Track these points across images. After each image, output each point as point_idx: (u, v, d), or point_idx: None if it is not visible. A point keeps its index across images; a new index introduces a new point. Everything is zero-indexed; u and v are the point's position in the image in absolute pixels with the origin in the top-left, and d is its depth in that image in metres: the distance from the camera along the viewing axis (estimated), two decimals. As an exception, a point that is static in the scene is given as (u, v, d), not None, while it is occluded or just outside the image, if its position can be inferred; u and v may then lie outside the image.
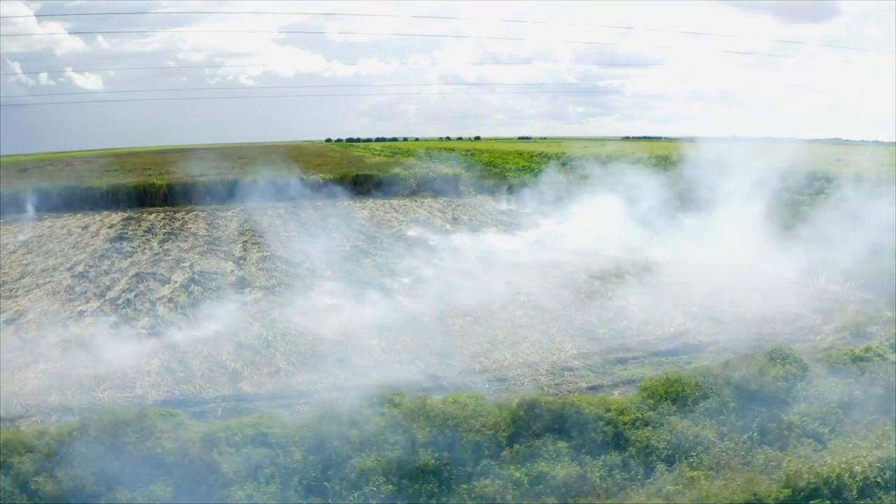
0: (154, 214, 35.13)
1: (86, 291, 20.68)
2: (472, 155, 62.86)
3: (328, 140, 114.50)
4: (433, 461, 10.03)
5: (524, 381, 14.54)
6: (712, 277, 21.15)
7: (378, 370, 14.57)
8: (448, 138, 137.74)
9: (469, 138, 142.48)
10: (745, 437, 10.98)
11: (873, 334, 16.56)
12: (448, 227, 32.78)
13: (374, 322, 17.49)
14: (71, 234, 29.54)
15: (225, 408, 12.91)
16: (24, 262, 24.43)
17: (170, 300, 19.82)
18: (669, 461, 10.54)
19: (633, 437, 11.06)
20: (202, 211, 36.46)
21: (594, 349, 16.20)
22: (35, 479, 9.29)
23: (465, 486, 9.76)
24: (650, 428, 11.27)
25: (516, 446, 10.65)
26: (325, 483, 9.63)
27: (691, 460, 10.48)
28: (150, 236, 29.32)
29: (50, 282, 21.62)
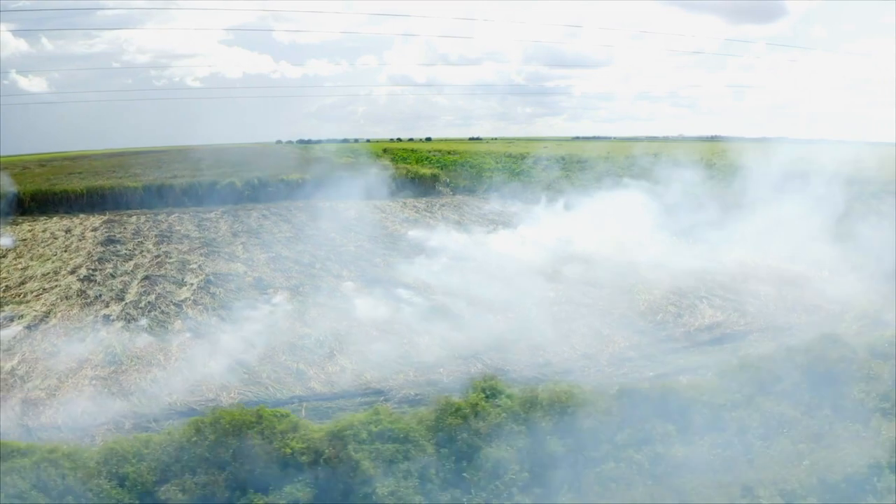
0: (135, 217, 33.68)
1: (100, 295, 19.66)
2: (449, 154, 62.86)
3: (278, 142, 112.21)
4: (560, 448, 10.06)
5: (589, 371, 14.71)
6: (728, 271, 21.95)
7: (444, 366, 14.48)
8: (399, 139, 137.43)
9: (420, 139, 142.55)
10: (825, 412, 11.48)
11: (890, 321, 17.46)
12: (443, 225, 32.71)
13: (414, 320, 17.32)
14: (56, 238, 27.99)
15: (308, 407, 12.59)
16: (20, 266, 23.01)
17: (194, 302, 19.09)
18: (765, 438, 10.91)
19: (728, 417, 11.37)
20: (184, 213, 35.20)
21: (642, 341, 16.49)
22: (159, 488, 8.81)
23: (595, 471, 9.82)
24: (742, 409, 11.64)
25: (628, 430, 10.78)
26: (463, 475, 9.50)
27: (785, 436, 10.88)
28: (141, 238, 28.08)
29: (57, 286, 20.45)
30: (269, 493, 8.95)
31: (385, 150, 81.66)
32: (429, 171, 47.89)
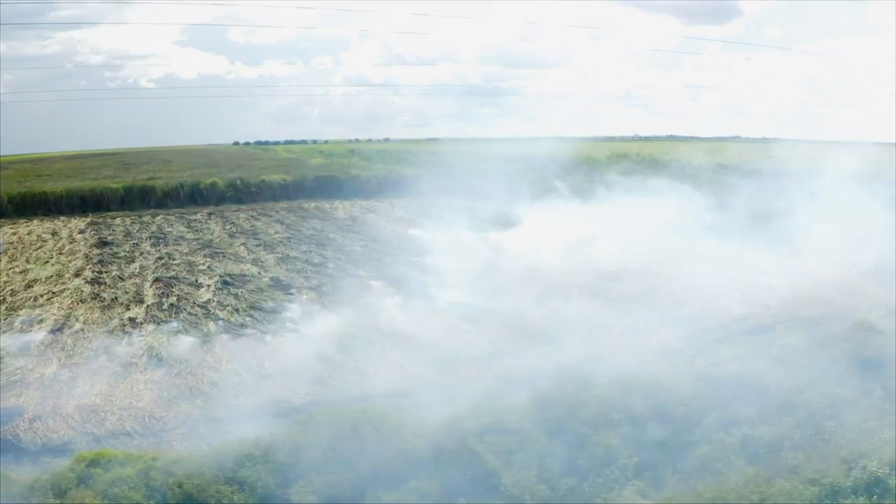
0: (119, 219, 32.29)
1: (116, 298, 18.76)
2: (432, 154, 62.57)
3: (236, 143, 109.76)
4: (660, 433, 10.14)
5: (643, 363, 14.74)
6: (731, 268, 22.44)
7: (510, 359, 14.38)
8: (357, 140, 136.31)
9: (378, 140, 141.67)
10: (879, 393, 11.87)
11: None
12: (440, 224, 32.52)
13: (459, 319, 17.13)
14: (45, 241, 26.58)
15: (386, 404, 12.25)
16: (18, 269, 21.76)
17: (219, 303, 18.42)
18: (831, 417, 11.23)
19: (796, 401, 11.58)
20: (168, 214, 34.00)
21: (682, 333, 16.67)
22: (286, 490, 8.42)
23: (693, 453, 9.96)
24: (805, 392, 11.91)
25: (713, 414, 10.89)
26: (580, 462, 9.42)
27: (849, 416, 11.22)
28: (135, 241, 26.92)
29: (65, 289, 19.42)
30: (395, 490, 8.67)
31: (352, 152, 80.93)
32: (411, 171, 47.51)
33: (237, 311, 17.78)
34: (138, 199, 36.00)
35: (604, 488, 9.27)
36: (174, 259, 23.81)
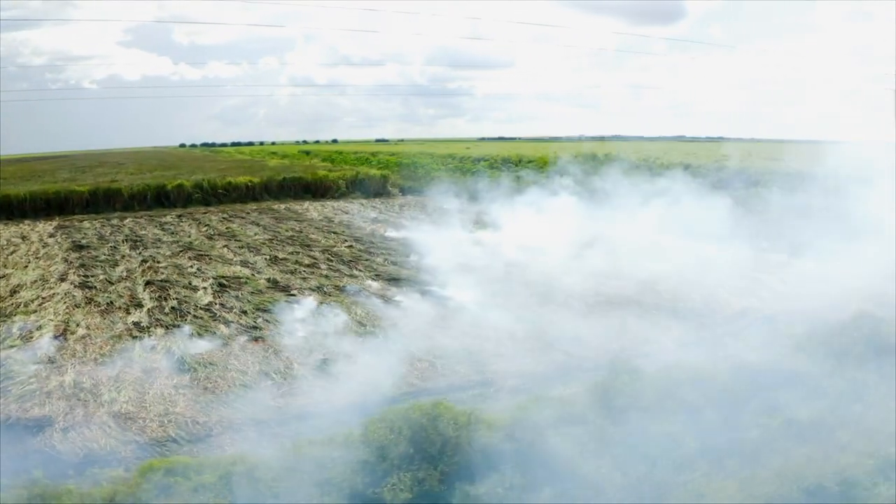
0: (86, 222, 30.88)
1: (112, 302, 17.99)
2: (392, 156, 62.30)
3: (182, 145, 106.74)
4: (709, 418, 10.42)
5: (662, 354, 15.12)
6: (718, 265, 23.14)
7: (548, 354, 14.50)
8: (305, 142, 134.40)
9: (326, 141, 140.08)
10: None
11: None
12: (418, 225, 32.48)
13: (478, 317, 17.13)
14: (16, 245, 25.13)
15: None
16: (-5, 274, 20.62)
17: (223, 306, 17.92)
18: (856, 401, 11.78)
19: (825, 385, 12.09)
20: (136, 217, 32.79)
21: (691, 326, 17.11)
22: (375, 489, 8.28)
23: (742, 437, 10.22)
24: (829, 378, 12.48)
25: (754, 401, 11.28)
26: (647, 448, 9.59)
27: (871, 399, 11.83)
28: (111, 243, 25.84)
29: (55, 294, 18.48)
30: (480, 483, 8.65)
31: (307, 153, 79.96)
32: (378, 172, 47.30)
33: (244, 312, 17.32)
34: (104, 201, 34.61)
35: (673, 472, 9.47)
36: (159, 262, 22.98)
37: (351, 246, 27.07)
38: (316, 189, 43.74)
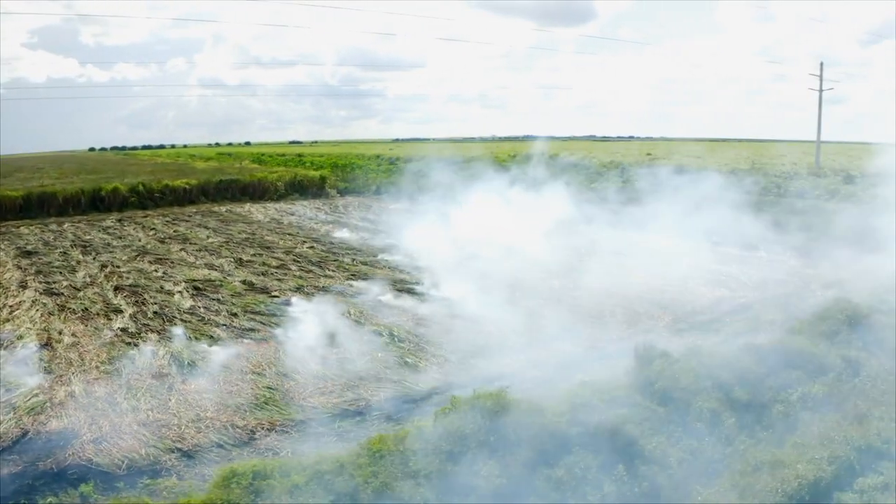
0: (23, 228, 28.61)
1: (87, 309, 16.90)
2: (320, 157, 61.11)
3: (92, 149, 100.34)
4: (742, 396, 11.17)
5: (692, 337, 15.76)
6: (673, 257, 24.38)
7: (550, 350, 14.86)
8: (218, 144, 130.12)
9: (239, 144, 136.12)
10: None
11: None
12: (374, 225, 32.31)
13: (475, 311, 17.33)
14: (-47, 253, 23.02)
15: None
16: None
17: (207, 308, 17.25)
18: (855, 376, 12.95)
19: (824, 363, 13.18)
20: (75, 221, 30.75)
21: (677, 315, 17.87)
22: (461, 480, 8.33)
23: (771, 412, 11.03)
24: (825, 357, 13.59)
25: (769, 380, 12.14)
26: (695, 425, 10.15)
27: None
28: (59, 249, 24.13)
29: (22, 301, 17.15)
30: (556, 466, 8.89)
31: (229, 155, 77.51)
32: (317, 174, 46.47)
33: (234, 315, 16.74)
34: (37, 206, 32.26)
35: (721, 445, 10.08)
36: (119, 267, 21.73)
37: (312, 247, 26.58)
38: (254, 191, 42.53)
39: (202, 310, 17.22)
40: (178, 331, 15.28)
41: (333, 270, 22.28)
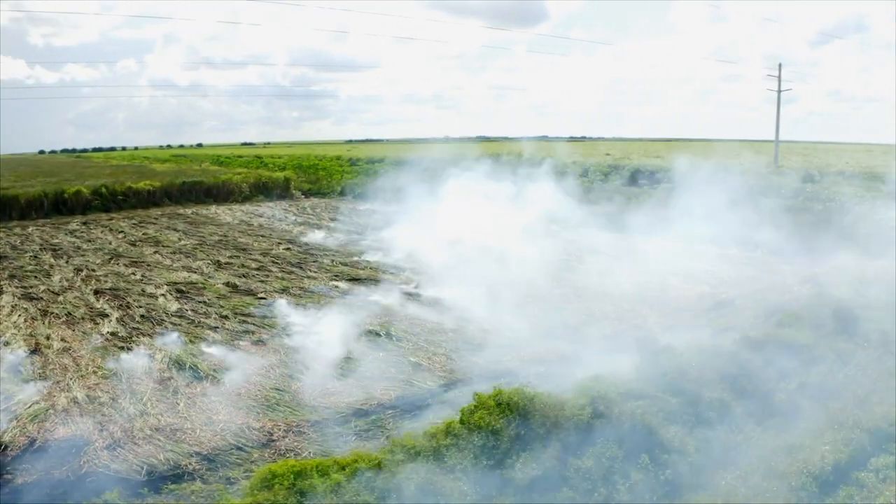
0: (-21, 231, 27.41)
1: (71, 313, 16.33)
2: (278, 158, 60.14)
3: (41, 152, 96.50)
4: (750, 386, 11.61)
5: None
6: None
7: (553, 345, 15.07)
8: (169, 146, 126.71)
9: (191, 145, 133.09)
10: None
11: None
12: (338, 225, 32.09)
13: (468, 310, 17.44)
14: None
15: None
16: None
17: (194, 311, 16.90)
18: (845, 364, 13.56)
19: (817, 354, 13.79)
20: (37, 225, 29.60)
21: (665, 312, 18.27)
22: (506, 472, 8.45)
23: (782, 397, 11.47)
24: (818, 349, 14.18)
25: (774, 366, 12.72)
26: (707, 414, 10.49)
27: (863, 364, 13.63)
28: (28, 253, 23.22)
29: (3, 306, 16.47)
30: (583, 455, 9.08)
31: (185, 157, 75.78)
32: (281, 175, 45.82)
33: (224, 317, 16.44)
34: (-2, 210, 30.92)
35: (732, 433, 10.44)
36: (95, 271, 21.05)
37: (288, 248, 26.28)
38: (218, 193, 41.69)
39: (190, 312, 16.86)
40: (171, 334, 14.93)
41: (315, 271, 22.08)
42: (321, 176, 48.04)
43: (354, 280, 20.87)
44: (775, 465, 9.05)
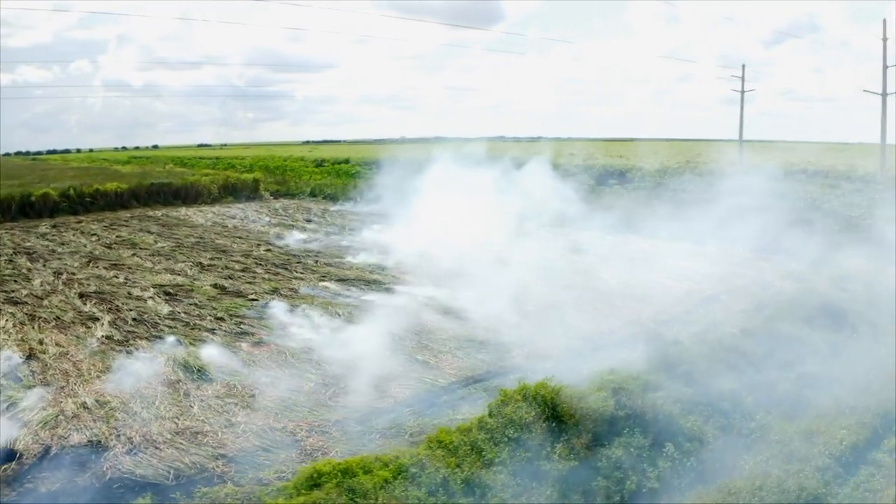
0: (-55, 235, 26.19)
1: (59, 317, 15.82)
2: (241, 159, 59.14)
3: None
4: (757, 376, 12.03)
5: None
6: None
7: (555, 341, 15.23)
8: (124, 148, 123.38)
9: (146, 147, 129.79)
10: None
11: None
12: (313, 227, 31.82)
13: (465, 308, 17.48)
14: None
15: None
16: None
17: (187, 314, 16.58)
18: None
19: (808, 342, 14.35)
20: (11, 228, 28.62)
21: (657, 306, 18.55)
22: (544, 464, 8.58)
23: (782, 389, 11.90)
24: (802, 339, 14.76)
25: (773, 358, 13.15)
26: (721, 404, 10.83)
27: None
28: (3, 256, 22.34)
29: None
30: (612, 445, 9.29)
31: (147, 159, 74.00)
32: (250, 177, 45.14)
33: (220, 319, 16.18)
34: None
35: (745, 420, 10.80)
36: (75, 274, 20.42)
37: (269, 250, 25.95)
38: (186, 194, 40.83)
39: (183, 315, 16.53)
40: (168, 337, 14.62)
41: (301, 272, 21.87)
42: (289, 177, 47.46)
43: (342, 281, 20.74)
44: (795, 449, 9.42)
